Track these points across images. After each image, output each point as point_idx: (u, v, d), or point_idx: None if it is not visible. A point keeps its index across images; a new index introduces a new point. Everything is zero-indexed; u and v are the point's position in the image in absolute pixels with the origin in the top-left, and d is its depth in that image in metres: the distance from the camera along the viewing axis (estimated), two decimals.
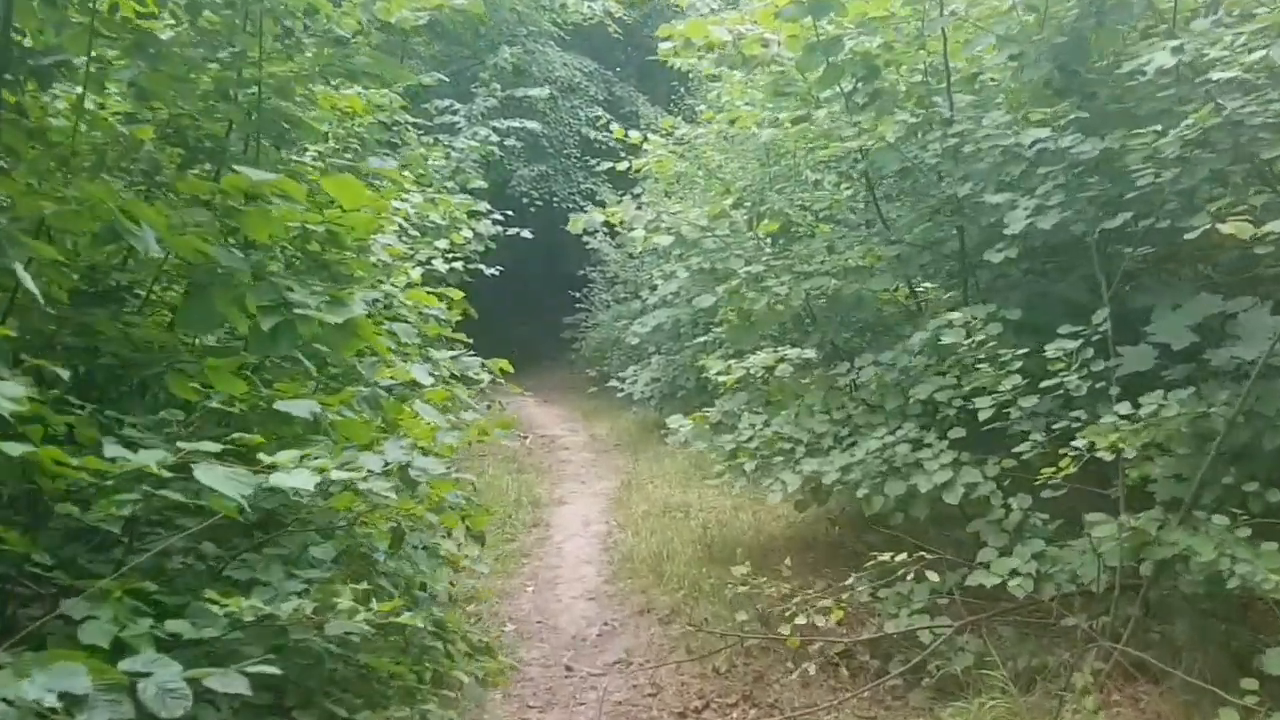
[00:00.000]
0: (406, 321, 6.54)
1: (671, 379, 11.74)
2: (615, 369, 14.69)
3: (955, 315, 4.72)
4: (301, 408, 2.95)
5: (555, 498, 8.97)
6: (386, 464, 2.91)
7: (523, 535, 7.76)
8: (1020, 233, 4.64)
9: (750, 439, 5.68)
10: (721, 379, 7.10)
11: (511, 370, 8.28)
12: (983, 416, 4.59)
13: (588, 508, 8.60)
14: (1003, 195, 4.78)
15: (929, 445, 4.93)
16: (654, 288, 12.96)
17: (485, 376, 7.79)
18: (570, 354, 17.36)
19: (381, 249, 6.68)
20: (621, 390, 12.28)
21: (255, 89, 4.53)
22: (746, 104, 10.46)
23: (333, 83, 6.14)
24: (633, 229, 5.97)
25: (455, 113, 11.56)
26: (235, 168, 3.37)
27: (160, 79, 3.93)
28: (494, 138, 11.53)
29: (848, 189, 7.11)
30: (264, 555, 3.30)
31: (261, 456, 2.64)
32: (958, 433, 4.91)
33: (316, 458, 2.70)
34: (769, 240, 6.60)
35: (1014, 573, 4.41)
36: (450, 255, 9.35)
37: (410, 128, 9.44)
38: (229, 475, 2.49)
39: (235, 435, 2.78)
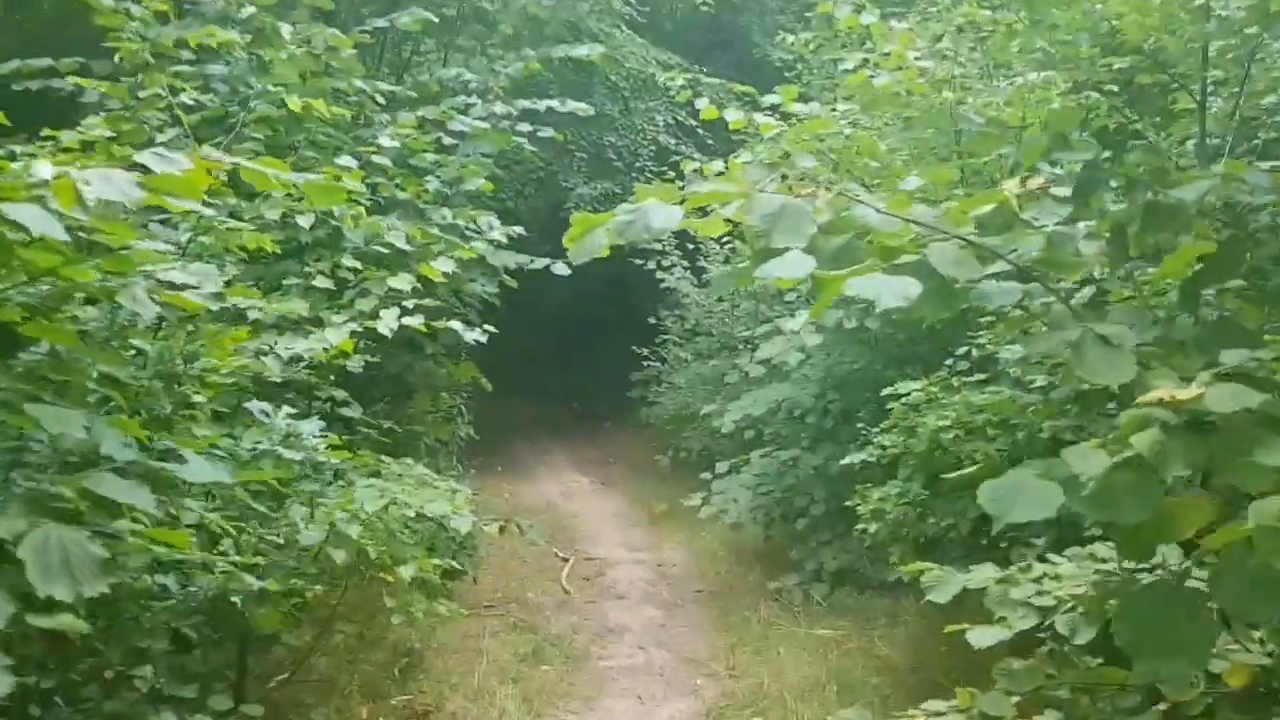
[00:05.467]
0: None
1: (784, 493, 7.53)
2: (695, 451, 10.67)
3: None
4: None
5: None
6: None
7: None
8: None
9: None
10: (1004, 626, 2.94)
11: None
12: None
13: None
14: None
15: None
16: (754, 347, 8.87)
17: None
18: (640, 417, 13.30)
19: (142, 295, 2.83)
20: (706, 504, 8.09)
21: None
22: (916, 56, 6.49)
23: None
24: (769, 243, 1.88)
25: (466, 85, 7.74)
26: None
27: None
28: (524, 125, 7.58)
29: None
30: None
31: None
32: None
33: None
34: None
35: None
36: (412, 303, 5.44)
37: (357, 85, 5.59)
38: None
39: None
